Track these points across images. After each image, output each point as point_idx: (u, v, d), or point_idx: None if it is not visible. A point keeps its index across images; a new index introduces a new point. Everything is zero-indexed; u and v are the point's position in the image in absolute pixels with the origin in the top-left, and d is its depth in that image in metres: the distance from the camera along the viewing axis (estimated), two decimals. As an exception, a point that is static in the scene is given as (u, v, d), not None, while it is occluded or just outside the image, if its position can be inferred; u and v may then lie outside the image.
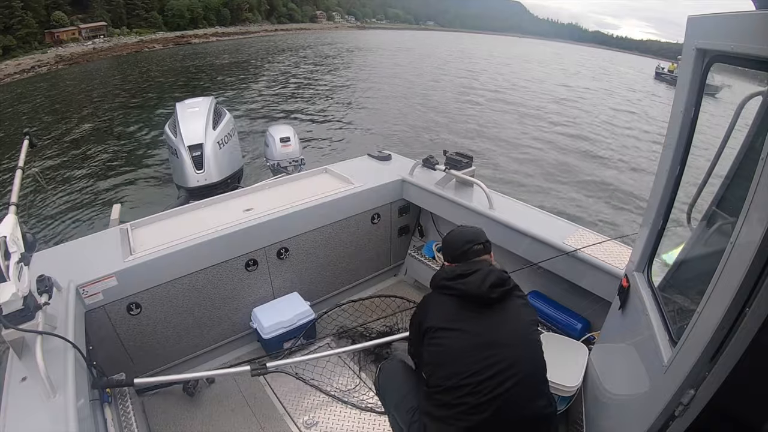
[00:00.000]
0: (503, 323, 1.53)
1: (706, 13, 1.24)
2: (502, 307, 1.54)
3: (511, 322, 1.54)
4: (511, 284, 1.57)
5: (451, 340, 1.52)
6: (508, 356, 1.47)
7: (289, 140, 4.63)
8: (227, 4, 65.94)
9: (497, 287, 1.52)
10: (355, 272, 3.25)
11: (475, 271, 1.55)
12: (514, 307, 1.56)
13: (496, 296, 1.51)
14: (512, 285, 1.58)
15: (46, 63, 36.83)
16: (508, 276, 1.59)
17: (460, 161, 2.94)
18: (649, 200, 1.57)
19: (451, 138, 12.48)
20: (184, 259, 2.39)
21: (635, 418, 1.35)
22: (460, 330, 1.52)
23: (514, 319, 1.54)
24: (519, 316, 1.56)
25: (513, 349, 1.48)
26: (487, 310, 1.53)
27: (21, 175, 2.05)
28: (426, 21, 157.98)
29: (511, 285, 1.57)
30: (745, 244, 0.94)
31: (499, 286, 1.52)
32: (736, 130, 1.27)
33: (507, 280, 1.56)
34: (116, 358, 2.32)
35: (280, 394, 2.45)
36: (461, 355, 1.48)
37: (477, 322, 1.52)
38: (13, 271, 1.51)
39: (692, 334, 1.10)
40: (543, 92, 22.46)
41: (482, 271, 1.55)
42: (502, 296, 1.53)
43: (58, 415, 1.41)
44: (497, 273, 1.56)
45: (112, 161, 10.43)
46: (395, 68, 27.63)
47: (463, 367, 1.46)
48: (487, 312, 1.53)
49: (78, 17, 47.32)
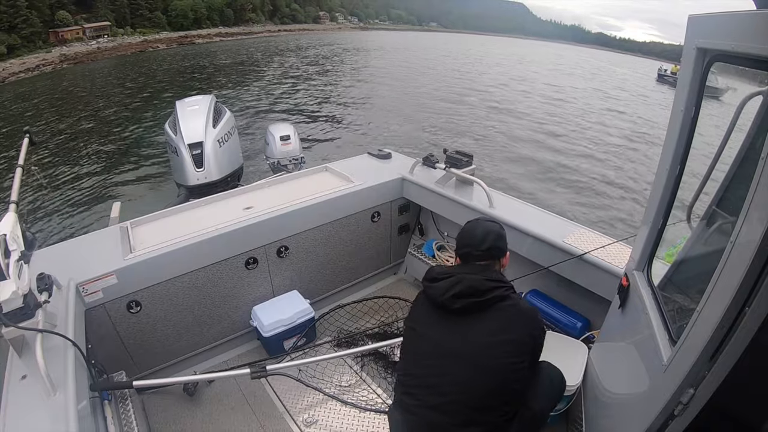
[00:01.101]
0: (464, 336, 1.43)
1: (707, 12, 1.24)
2: (469, 319, 1.43)
3: (472, 338, 1.42)
4: (488, 296, 1.42)
5: (412, 341, 1.57)
6: (454, 373, 1.41)
7: (289, 138, 4.63)
8: (231, 5, 66.06)
9: (463, 298, 1.42)
10: (355, 271, 3.25)
11: (449, 277, 1.48)
12: (486, 322, 1.42)
13: (459, 306, 1.42)
14: (490, 297, 1.42)
15: (51, 62, 36.98)
16: (496, 286, 1.44)
17: (460, 160, 2.94)
18: (649, 199, 1.57)
19: (451, 138, 12.47)
20: (184, 257, 2.39)
21: (635, 417, 1.35)
22: (423, 334, 1.53)
23: (477, 336, 1.42)
24: (484, 333, 1.41)
25: (460, 367, 1.40)
26: (454, 317, 1.45)
27: (21, 174, 2.05)
28: (429, 22, 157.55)
29: (488, 297, 1.42)
30: (745, 243, 0.94)
31: (467, 296, 1.42)
32: (736, 130, 1.27)
33: (482, 291, 1.42)
34: (116, 356, 2.33)
35: (279, 393, 2.45)
36: (416, 357, 1.53)
37: (438, 329, 1.48)
38: (13, 269, 1.52)
39: (692, 334, 1.10)
40: (544, 92, 22.45)
41: (455, 278, 1.46)
42: (470, 308, 1.42)
43: (58, 414, 1.41)
44: (469, 282, 1.43)
45: (112, 159, 10.44)
46: (395, 68, 27.60)
47: (413, 368, 1.52)
48: (453, 319, 1.45)
49: (82, 17, 47.59)
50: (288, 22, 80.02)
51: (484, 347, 1.40)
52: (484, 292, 1.43)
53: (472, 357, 1.40)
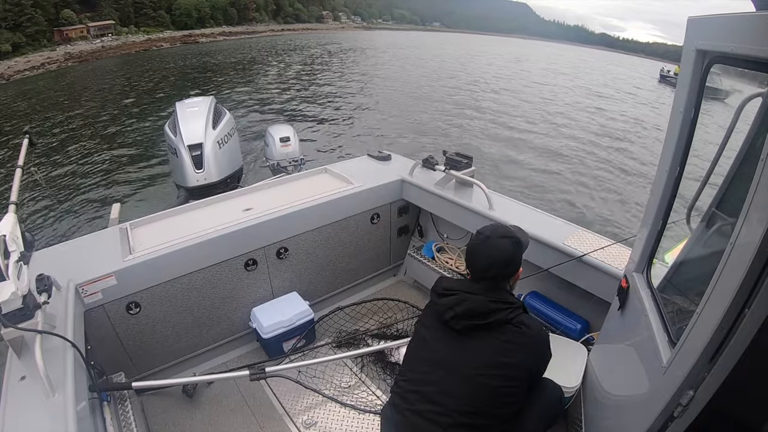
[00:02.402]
0: (463, 352, 1.43)
1: (707, 14, 1.24)
2: (473, 336, 1.43)
3: (471, 355, 1.42)
4: (489, 319, 1.40)
5: (417, 344, 1.60)
6: (446, 384, 1.42)
7: (289, 140, 4.64)
8: (234, 4, 66.38)
9: (464, 319, 1.41)
10: (354, 272, 3.25)
11: (452, 294, 1.46)
12: (489, 341, 1.41)
13: (460, 328, 1.42)
14: (492, 320, 1.40)
15: (56, 60, 37.23)
16: (498, 308, 1.41)
17: (459, 161, 2.94)
18: (648, 201, 1.57)
19: (452, 137, 12.48)
20: (183, 258, 2.38)
21: (634, 419, 1.35)
22: (427, 340, 1.54)
23: (476, 354, 1.41)
24: (484, 353, 1.41)
25: (453, 381, 1.41)
26: (453, 333, 1.46)
27: (20, 174, 2.05)
28: (432, 22, 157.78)
29: (490, 320, 1.40)
30: (744, 244, 0.94)
31: (469, 318, 1.41)
32: (736, 131, 1.27)
33: (484, 314, 1.40)
34: (115, 358, 2.32)
35: (279, 394, 2.44)
36: (416, 361, 1.56)
37: (442, 338, 1.49)
38: (12, 270, 1.52)
39: (691, 335, 1.10)
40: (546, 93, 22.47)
41: (457, 297, 1.44)
42: (471, 329, 1.42)
43: (57, 415, 1.41)
44: (471, 304, 1.41)
45: (112, 160, 10.42)
46: (396, 68, 27.66)
47: (410, 371, 1.55)
48: (456, 336, 1.45)
49: (86, 16, 48.02)
50: (291, 22, 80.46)
51: (481, 367, 1.40)
52: (486, 314, 1.41)
53: (467, 373, 1.41)
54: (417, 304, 3.07)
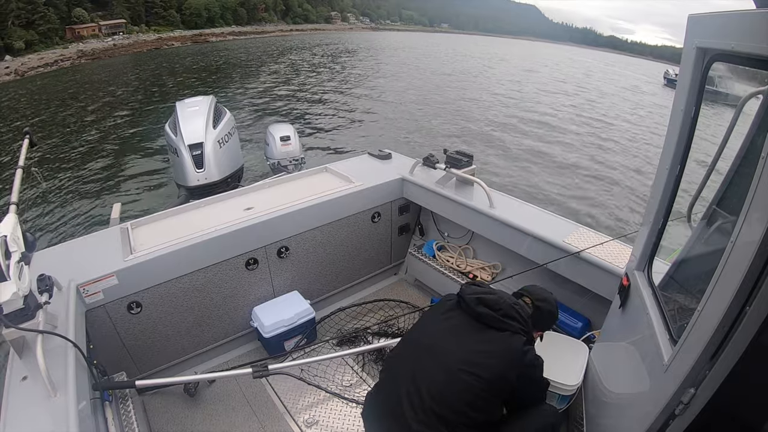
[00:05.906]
0: (455, 339, 1.52)
1: (707, 12, 1.24)
2: (473, 328, 1.53)
3: (460, 343, 1.51)
4: (501, 317, 1.51)
5: (414, 327, 1.75)
6: (427, 366, 1.49)
7: (290, 139, 4.64)
8: (244, 4, 66.50)
9: (486, 307, 1.52)
10: (355, 271, 3.25)
11: (489, 289, 1.63)
12: (483, 337, 1.50)
13: (480, 312, 1.52)
14: (503, 321, 1.51)
15: (69, 57, 37.68)
16: (514, 317, 1.52)
17: (460, 160, 2.94)
18: (649, 199, 1.57)
19: (451, 137, 12.46)
20: (184, 258, 2.39)
21: (635, 417, 1.35)
22: (424, 324, 1.68)
23: (466, 344, 1.50)
24: (473, 346, 1.49)
25: (435, 365, 1.48)
26: (461, 322, 1.56)
27: (21, 175, 2.05)
28: (440, 23, 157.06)
29: (502, 318, 1.51)
30: (745, 243, 0.94)
31: (490, 308, 1.52)
32: (736, 130, 1.26)
33: (501, 311, 1.51)
34: (117, 357, 2.33)
35: (280, 393, 2.45)
36: (407, 341, 1.68)
37: (441, 322, 1.60)
38: (13, 271, 1.51)
39: (692, 333, 1.10)
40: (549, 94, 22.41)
41: (493, 293, 1.59)
42: (488, 320, 1.51)
43: (58, 415, 1.41)
44: (498, 300, 1.54)
45: (112, 160, 10.42)
46: (395, 69, 27.61)
47: (400, 348, 1.68)
48: (458, 324, 1.56)
49: (98, 14, 48.46)
50: (300, 22, 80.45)
51: (465, 354, 1.47)
52: (503, 312, 1.52)
53: (450, 359, 1.47)
54: (418, 302, 3.07)
